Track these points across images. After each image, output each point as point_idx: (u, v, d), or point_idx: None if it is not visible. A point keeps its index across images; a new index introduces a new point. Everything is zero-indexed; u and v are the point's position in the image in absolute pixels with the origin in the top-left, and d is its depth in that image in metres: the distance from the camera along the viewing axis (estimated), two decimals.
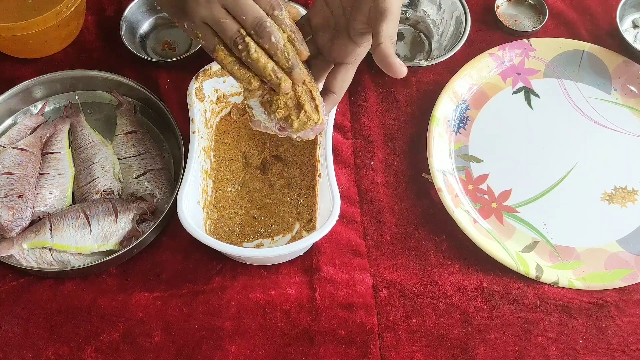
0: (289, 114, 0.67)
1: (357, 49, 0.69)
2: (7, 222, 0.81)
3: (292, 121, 0.66)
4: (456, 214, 0.86)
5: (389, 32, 0.63)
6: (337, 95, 0.70)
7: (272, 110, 0.67)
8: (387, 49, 0.62)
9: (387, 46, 0.62)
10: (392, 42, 0.63)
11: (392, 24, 0.63)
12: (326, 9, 0.70)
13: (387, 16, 0.63)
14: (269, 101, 0.67)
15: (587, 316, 0.82)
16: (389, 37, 0.62)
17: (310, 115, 0.66)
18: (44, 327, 0.79)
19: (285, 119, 0.67)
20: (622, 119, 0.97)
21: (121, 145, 0.91)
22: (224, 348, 0.78)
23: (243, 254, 0.75)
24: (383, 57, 0.62)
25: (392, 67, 0.62)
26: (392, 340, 0.80)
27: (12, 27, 0.89)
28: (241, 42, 0.62)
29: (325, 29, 0.71)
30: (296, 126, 0.67)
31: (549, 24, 1.06)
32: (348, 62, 0.69)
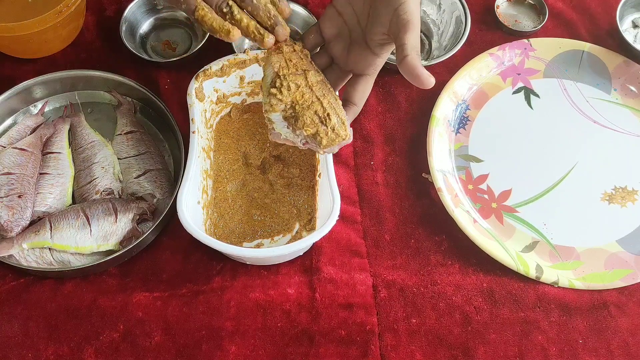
0: (317, 130, 0.66)
1: (377, 60, 0.69)
2: (7, 222, 0.81)
3: (321, 139, 0.66)
4: (456, 214, 0.86)
5: (413, 43, 0.63)
6: (358, 107, 0.71)
7: (299, 126, 0.67)
8: (414, 61, 0.62)
9: (413, 58, 0.62)
10: (418, 54, 0.63)
11: (415, 35, 0.63)
12: (339, 18, 0.70)
13: (409, 27, 0.63)
14: (294, 116, 0.67)
15: (587, 316, 0.82)
16: (414, 48, 0.63)
17: (338, 132, 0.67)
18: (44, 327, 0.79)
19: (313, 136, 0.67)
20: (622, 119, 0.97)
21: (121, 145, 0.91)
22: (224, 348, 0.78)
23: (243, 254, 0.75)
24: (411, 69, 0.62)
25: (420, 78, 0.62)
26: (392, 340, 0.80)
27: (12, 27, 0.89)
28: (225, 5, 0.64)
29: (339, 39, 0.71)
30: (325, 143, 0.67)
31: (549, 24, 1.06)
32: (368, 73, 0.70)
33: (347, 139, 0.68)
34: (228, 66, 0.87)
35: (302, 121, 0.67)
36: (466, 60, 0.99)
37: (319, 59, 0.73)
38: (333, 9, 0.71)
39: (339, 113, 0.68)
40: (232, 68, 0.87)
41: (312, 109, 0.67)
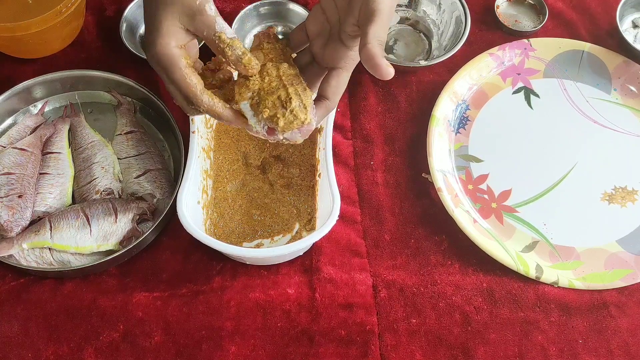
0: (275, 112, 0.65)
1: (348, 53, 0.67)
2: (7, 222, 0.81)
3: (278, 119, 0.65)
4: (456, 214, 0.86)
5: (377, 33, 0.61)
6: (331, 102, 0.69)
7: (260, 110, 0.66)
8: (373, 49, 0.60)
9: (373, 46, 0.60)
10: (380, 43, 0.61)
11: (381, 25, 0.62)
12: (322, 16, 0.69)
13: (375, 16, 0.61)
14: (258, 102, 0.66)
15: (587, 316, 0.82)
16: (376, 37, 0.61)
17: (296, 114, 0.65)
18: (44, 327, 0.79)
19: (271, 117, 0.65)
20: (622, 119, 0.97)
21: (121, 145, 0.91)
22: (224, 348, 0.78)
23: (243, 254, 0.75)
24: (368, 57, 0.60)
25: (378, 68, 0.60)
26: (392, 340, 0.80)
27: (12, 27, 0.89)
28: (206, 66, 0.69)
29: (320, 36, 0.70)
30: (282, 124, 0.65)
31: (549, 24, 1.06)
32: (340, 66, 0.68)
33: (306, 123, 0.65)
34: None
35: (264, 104, 0.65)
36: (466, 60, 0.99)
37: (301, 58, 0.72)
38: (318, 7, 0.70)
39: (302, 99, 0.66)
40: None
41: (275, 94, 0.66)
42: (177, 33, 0.65)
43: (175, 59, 0.65)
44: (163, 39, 0.64)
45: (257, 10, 1.03)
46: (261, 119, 0.66)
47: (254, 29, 1.04)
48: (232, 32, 0.66)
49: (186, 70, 0.65)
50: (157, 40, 0.64)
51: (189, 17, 0.64)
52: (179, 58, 0.65)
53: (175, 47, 0.65)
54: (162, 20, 0.64)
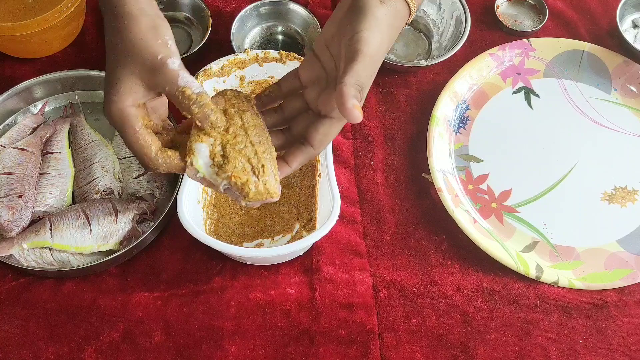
0: (247, 180, 0.60)
1: None
2: (7, 222, 0.81)
3: (249, 191, 0.60)
4: (456, 214, 0.86)
5: (356, 72, 0.58)
6: (315, 150, 0.65)
7: (226, 169, 0.60)
8: (345, 88, 0.56)
9: (345, 85, 0.56)
10: (356, 85, 0.57)
11: (363, 67, 0.58)
12: (316, 62, 0.66)
13: (358, 57, 0.58)
14: (224, 156, 0.61)
15: (587, 316, 0.82)
16: (354, 77, 0.57)
17: (268, 188, 0.61)
18: (44, 327, 0.79)
19: (240, 185, 0.60)
20: (622, 119, 0.97)
21: (121, 145, 0.91)
22: (224, 348, 0.78)
23: (243, 254, 0.75)
24: (338, 96, 0.57)
25: (343, 108, 0.56)
26: (392, 340, 0.80)
27: (12, 27, 0.89)
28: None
29: (316, 84, 0.66)
30: (251, 196, 0.61)
31: (549, 24, 1.06)
32: (334, 116, 0.64)
33: (275, 198, 0.62)
34: (228, 66, 0.87)
35: (233, 165, 0.60)
36: (466, 60, 0.99)
37: (294, 102, 0.68)
38: (311, 52, 0.67)
39: (274, 169, 0.62)
40: (232, 68, 0.87)
41: (244, 154, 0.61)
42: (134, 91, 0.60)
43: (129, 118, 0.60)
44: (119, 96, 0.60)
45: (257, 10, 1.03)
46: (224, 179, 0.61)
47: (254, 28, 1.04)
48: (198, 86, 0.61)
49: (140, 131, 0.60)
50: (112, 98, 0.60)
51: (150, 72, 0.59)
52: (133, 118, 0.60)
53: (131, 107, 0.60)
54: (120, 77, 0.60)
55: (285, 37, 1.04)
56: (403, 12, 0.65)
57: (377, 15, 0.61)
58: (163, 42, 0.60)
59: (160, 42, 0.60)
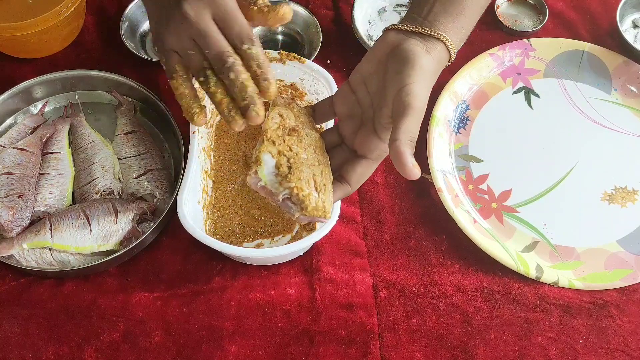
0: (309, 193, 0.61)
1: (381, 145, 0.65)
2: (7, 222, 0.81)
3: (308, 204, 0.61)
4: (456, 214, 0.86)
5: (408, 128, 0.58)
6: (351, 188, 0.67)
7: (291, 179, 0.61)
8: (402, 147, 0.57)
9: (402, 143, 0.57)
10: (411, 140, 0.58)
11: (413, 119, 0.59)
12: (352, 96, 0.66)
13: (408, 110, 0.59)
14: (290, 167, 0.62)
15: (587, 316, 0.82)
16: (407, 133, 0.58)
17: (325, 207, 0.62)
18: (44, 327, 0.79)
19: (302, 197, 0.61)
20: (622, 119, 0.97)
21: (121, 145, 0.91)
22: (224, 348, 0.78)
23: (243, 254, 0.75)
24: (396, 155, 0.57)
25: (404, 167, 0.57)
26: (392, 340, 0.80)
27: (12, 27, 0.89)
28: (202, 75, 0.61)
29: (350, 119, 0.67)
30: (309, 210, 0.61)
31: (549, 24, 1.06)
32: (371, 157, 0.65)
33: (326, 218, 0.63)
34: None
35: (298, 177, 0.61)
36: (466, 60, 0.99)
37: (329, 136, 0.69)
38: (347, 86, 0.67)
39: (331, 188, 0.63)
40: None
41: (311, 170, 0.62)
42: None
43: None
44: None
45: None
46: (285, 189, 0.62)
47: (254, 28, 1.04)
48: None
49: None
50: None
51: None
52: None
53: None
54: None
55: (285, 37, 1.04)
56: (445, 58, 0.66)
57: (424, 66, 0.62)
58: None
59: None
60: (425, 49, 0.64)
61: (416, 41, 0.64)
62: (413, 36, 0.64)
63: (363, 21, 1.03)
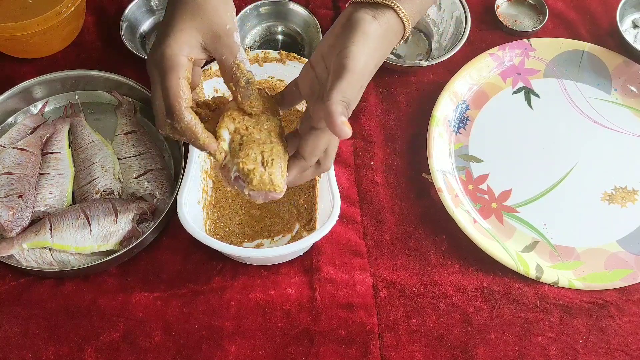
0: (253, 168, 0.62)
1: None
2: (7, 222, 0.81)
3: (253, 178, 0.62)
4: (456, 214, 0.86)
5: (342, 88, 0.58)
6: (307, 162, 0.65)
7: (239, 155, 0.63)
8: (333, 107, 0.57)
9: (333, 103, 0.57)
10: (343, 101, 0.58)
11: (349, 82, 0.59)
12: (312, 73, 0.66)
13: (344, 73, 0.59)
14: (240, 143, 0.63)
15: (587, 316, 0.82)
16: (340, 94, 0.58)
17: (273, 179, 0.62)
18: (44, 327, 0.79)
19: (246, 172, 0.62)
20: (622, 119, 0.97)
21: (121, 145, 0.91)
22: (224, 348, 0.78)
23: (243, 254, 0.75)
24: (326, 114, 0.57)
25: (334, 126, 0.57)
26: (392, 340, 0.80)
27: (12, 27, 0.89)
28: None
29: (312, 96, 0.66)
30: (255, 183, 0.62)
31: (549, 24, 1.06)
32: (319, 127, 0.64)
33: (277, 192, 0.63)
34: None
35: (245, 152, 0.62)
36: (466, 60, 0.99)
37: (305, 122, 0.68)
38: (308, 65, 0.67)
39: (282, 165, 0.63)
40: None
41: (260, 147, 0.63)
42: (192, 45, 0.63)
43: (179, 66, 0.62)
44: (176, 43, 0.62)
45: (257, 10, 1.03)
46: (235, 164, 0.63)
47: (254, 28, 1.04)
48: (249, 66, 0.65)
49: (182, 81, 0.62)
50: (168, 42, 0.62)
51: (215, 37, 0.63)
52: (182, 67, 0.62)
53: (184, 57, 0.62)
54: (183, 28, 0.62)
55: (285, 37, 1.04)
56: (397, 27, 0.65)
57: (367, 31, 0.62)
58: (231, 16, 0.64)
59: (229, 15, 0.64)
60: (372, 15, 0.63)
61: (366, 10, 0.63)
62: (365, 6, 0.64)
63: None
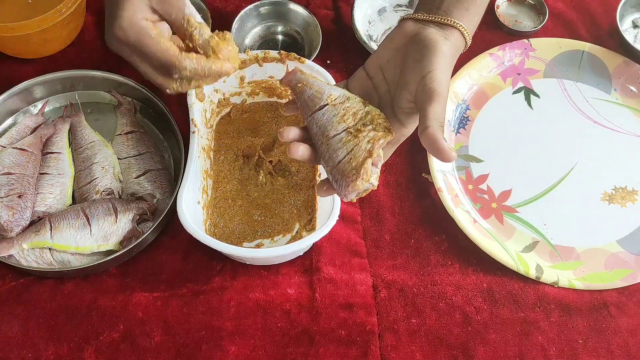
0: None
1: (402, 130, 0.67)
2: (7, 222, 0.81)
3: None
4: (456, 214, 0.86)
5: (436, 113, 0.60)
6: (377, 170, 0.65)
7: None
8: (436, 133, 0.59)
9: (435, 130, 0.59)
10: (440, 125, 0.60)
11: (440, 105, 0.60)
12: (368, 82, 0.68)
13: (435, 97, 0.60)
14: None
15: (587, 316, 0.82)
16: (437, 119, 0.60)
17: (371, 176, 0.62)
18: (44, 327, 0.79)
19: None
20: (622, 119, 0.97)
21: (121, 145, 0.91)
22: (224, 348, 0.78)
23: (243, 254, 0.75)
24: (431, 141, 0.59)
25: (441, 152, 0.59)
26: (392, 340, 0.80)
27: (12, 27, 0.89)
28: None
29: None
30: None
31: (549, 24, 1.06)
32: (391, 141, 0.66)
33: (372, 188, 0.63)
34: None
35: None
36: (466, 60, 0.99)
37: None
38: (363, 72, 0.68)
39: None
40: None
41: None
42: (143, 9, 0.62)
43: (144, 29, 0.62)
44: (128, 12, 0.61)
45: (257, 10, 1.03)
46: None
47: (254, 28, 1.04)
48: (199, 16, 0.65)
49: (157, 37, 0.62)
50: (122, 14, 0.61)
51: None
52: (147, 28, 0.62)
53: (143, 19, 0.62)
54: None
55: (285, 37, 1.04)
56: (461, 44, 0.68)
57: (445, 53, 0.64)
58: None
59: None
60: (443, 36, 0.66)
61: (434, 29, 0.66)
62: (430, 25, 0.66)
63: (363, 21, 1.03)
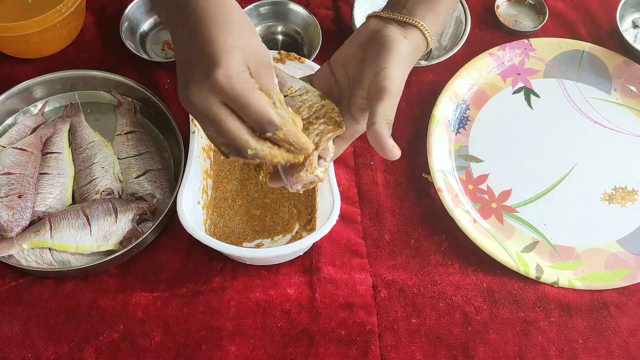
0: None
1: (354, 126, 0.67)
2: (7, 222, 0.81)
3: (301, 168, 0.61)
4: (456, 214, 0.86)
5: (385, 112, 0.60)
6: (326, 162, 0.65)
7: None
8: (381, 129, 0.59)
9: (380, 126, 0.59)
10: (387, 123, 0.60)
11: (389, 103, 0.61)
12: (330, 77, 0.68)
13: (384, 94, 0.60)
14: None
15: (587, 316, 0.82)
16: (384, 117, 0.60)
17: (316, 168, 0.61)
18: (44, 327, 0.79)
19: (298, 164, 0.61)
20: (622, 119, 0.97)
21: (121, 145, 0.91)
22: (224, 348, 0.78)
23: (243, 254, 0.75)
24: (375, 137, 0.59)
25: (384, 149, 0.59)
26: (392, 340, 0.80)
27: (12, 27, 0.89)
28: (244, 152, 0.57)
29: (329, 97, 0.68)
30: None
31: (549, 24, 1.06)
32: (343, 136, 0.66)
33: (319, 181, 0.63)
34: None
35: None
36: (466, 60, 0.99)
37: None
38: (328, 66, 0.68)
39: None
40: None
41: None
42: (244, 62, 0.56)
43: (252, 81, 0.56)
44: (237, 62, 0.55)
45: (257, 10, 1.03)
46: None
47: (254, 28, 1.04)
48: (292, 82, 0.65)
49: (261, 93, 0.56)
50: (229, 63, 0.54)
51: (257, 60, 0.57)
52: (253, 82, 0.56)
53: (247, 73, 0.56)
54: (234, 45, 0.55)
55: (285, 37, 1.04)
56: (422, 45, 0.67)
57: (401, 51, 0.64)
58: None
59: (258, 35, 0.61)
60: (402, 35, 0.65)
61: (395, 27, 0.66)
62: (392, 23, 0.66)
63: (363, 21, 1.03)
